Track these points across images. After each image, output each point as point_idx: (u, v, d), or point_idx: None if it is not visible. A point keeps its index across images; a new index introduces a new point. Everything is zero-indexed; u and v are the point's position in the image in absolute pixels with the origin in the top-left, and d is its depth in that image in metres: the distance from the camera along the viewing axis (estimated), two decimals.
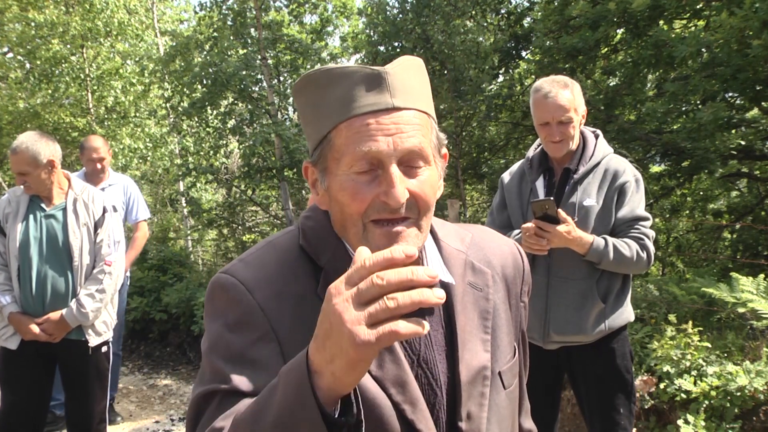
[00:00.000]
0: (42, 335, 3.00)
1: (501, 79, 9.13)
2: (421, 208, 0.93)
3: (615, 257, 2.34)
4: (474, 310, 1.04)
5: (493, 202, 2.78)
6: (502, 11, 8.88)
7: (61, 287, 3.03)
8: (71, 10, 11.83)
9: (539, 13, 7.92)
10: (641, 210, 2.45)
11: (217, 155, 10.53)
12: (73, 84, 12.04)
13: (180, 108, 9.62)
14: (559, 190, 2.50)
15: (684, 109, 6.24)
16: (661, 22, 6.27)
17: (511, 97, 8.41)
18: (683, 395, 3.41)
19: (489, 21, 8.98)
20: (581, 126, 2.52)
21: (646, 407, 3.58)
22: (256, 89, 9.59)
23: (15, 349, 3.06)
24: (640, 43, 6.34)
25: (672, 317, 3.91)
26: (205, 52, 9.61)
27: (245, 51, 9.47)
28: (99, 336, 3.14)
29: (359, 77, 0.91)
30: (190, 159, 10.74)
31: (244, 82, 9.05)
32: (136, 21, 12.53)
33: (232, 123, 9.69)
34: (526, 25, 8.66)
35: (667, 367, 3.56)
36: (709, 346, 3.66)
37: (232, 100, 9.58)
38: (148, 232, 4.91)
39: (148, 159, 13.11)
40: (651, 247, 2.41)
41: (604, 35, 6.28)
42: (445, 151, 1.00)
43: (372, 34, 9.19)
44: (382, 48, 8.74)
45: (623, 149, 6.17)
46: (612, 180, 2.44)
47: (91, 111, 12.29)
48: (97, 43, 12.14)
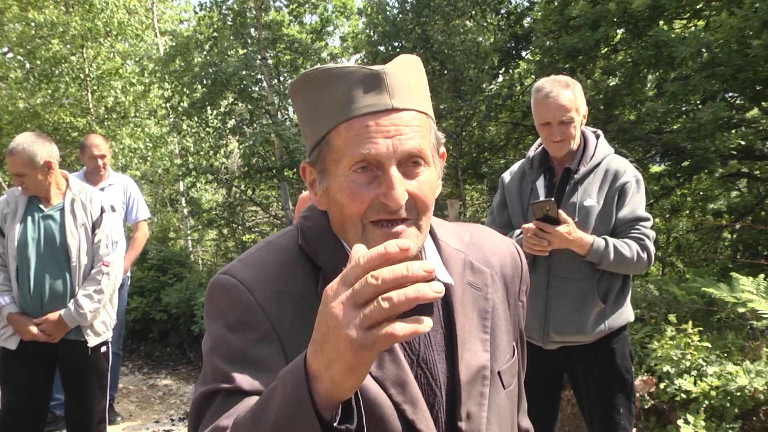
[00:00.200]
0: (40, 335, 2.99)
1: (501, 79, 9.13)
2: (420, 208, 0.93)
3: (615, 258, 2.35)
4: (473, 309, 1.04)
5: (493, 202, 2.77)
6: (502, 11, 8.88)
7: (59, 288, 3.02)
8: (71, 10, 11.83)
9: (539, 13, 7.92)
10: (642, 210, 2.45)
11: (217, 155, 10.53)
12: (73, 84, 12.04)
13: (180, 108, 9.62)
14: (560, 190, 2.50)
15: (684, 109, 6.24)
16: (661, 22, 6.27)
17: (511, 97, 8.41)
18: (683, 395, 3.41)
19: (489, 21, 8.97)
20: (582, 126, 2.52)
21: (646, 407, 3.58)
22: (256, 89, 9.58)
23: (14, 349, 3.05)
24: (640, 43, 6.34)
25: (672, 317, 3.90)
26: (205, 52, 9.61)
27: (245, 51, 9.47)
28: (98, 336, 3.13)
29: (358, 77, 0.91)
30: (190, 159, 10.74)
31: (244, 82, 9.05)
32: (135, 21, 12.52)
33: (232, 123, 9.69)
34: (526, 25, 8.66)
35: (667, 367, 3.56)
36: (709, 346, 3.66)
37: (232, 100, 9.57)
38: (148, 232, 4.91)
39: (148, 159, 13.11)
40: (651, 248, 2.41)
41: (604, 35, 6.28)
42: (443, 150, 1.00)
43: (372, 34, 9.19)
44: (382, 48, 8.74)
45: (623, 149, 6.17)
46: (613, 180, 2.44)
47: (91, 111, 12.29)
48: (97, 43, 12.14)
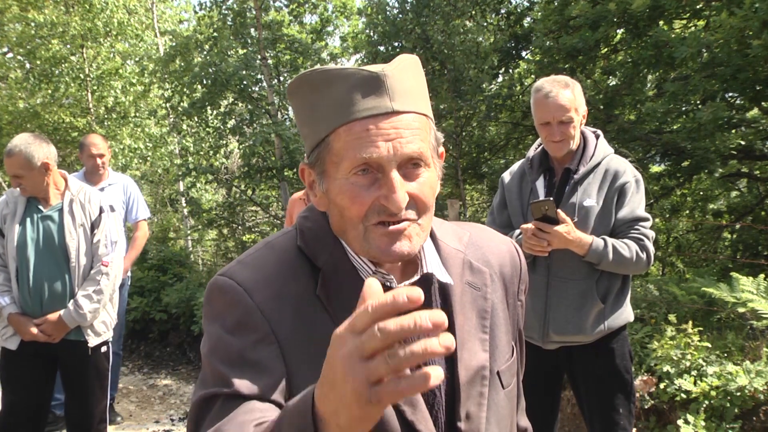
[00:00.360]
0: (41, 336, 2.99)
1: (501, 79, 9.13)
2: (421, 209, 0.93)
3: (614, 258, 2.34)
4: (472, 309, 1.03)
5: (493, 202, 2.77)
6: (502, 11, 8.88)
7: (59, 288, 3.02)
8: (71, 10, 11.83)
9: (539, 13, 7.92)
10: (641, 210, 2.44)
11: (217, 155, 10.53)
12: (73, 84, 12.04)
13: (180, 108, 9.62)
14: (560, 190, 2.49)
15: (684, 109, 6.24)
16: (661, 23, 6.27)
17: (511, 97, 8.41)
18: (683, 395, 3.41)
19: (489, 21, 8.98)
20: (582, 126, 2.52)
21: (646, 407, 3.58)
22: (256, 89, 9.59)
23: (15, 350, 3.05)
24: (640, 43, 6.34)
25: (672, 317, 3.90)
26: (205, 52, 9.62)
27: (245, 51, 9.47)
28: (98, 336, 3.13)
29: (357, 79, 0.90)
30: (190, 159, 10.74)
31: (244, 82, 9.05)
32: (135, 21, 12.52)
33: (232, 123, 9.69)
34: (526, 25, 8.67)
35: (667, 367, 3.56)
36: (709, 346, 3.66)
37: (232, 100, 9.58)
38: (148, 232, 4.90)
39: (148, 159, 13.11)
40: (651, 248, 2.40)
41: (604, 35, 6.28)
42: (442, 150, 1.00)
43: (372, 34, 9.19)
44: (382, 48, 8.74)
45: (623, 149, 6.17)
46: (612, 180, 2.44)
47: (91, 111, 12.29)
48: (97, 43, 12.14)
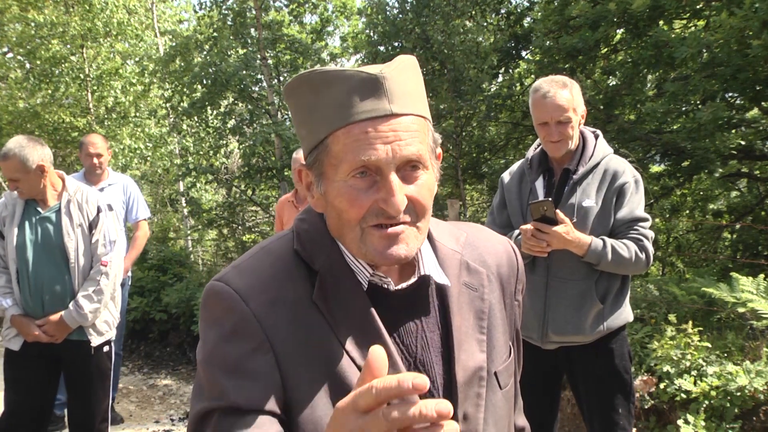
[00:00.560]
0: (43, 336, 3.00)
1: (501, 79, 9.13)
2: (419, 212, 0.94)
3: (613, 258, 2.34)
4: (469, 310, 1.04)
5: (493, 202, 2.77)
6: (502, 11, 8.88)
7: (59, 289, 3.03)
8: (71, 10, 11.83)
9: (539, 13, 7.92)
10: (640, 211, 2.44)
11: (217, 155, 10.54)
12: (73, 84, 12.04)
13: (180, 108, 9.63)
14: (559, 191, 2.49)
15: (684, 109, 6.24)
16: (661, 23, 6.27)
17: (511, 97, 8.42)
18: (683, 395, 3.41)
19: (489, 21, 8.98)
20: (581, 126, 2.51)
21: (646, 407, 3.58)
22: (256, 89, 9.59)
23: (17, 351, 3.06)
24: (640, 43, 6.34)
25: (672, 317, 3.90)
26: (204, 52, 9.62)
27: (245, 51, 9.48)
28: (101, 336, 3.13)
29: (356, 81, 0.90)
30: (190, 159, 10.75)
31: (244, 82, 9.05)
32: (135, 21, 12.53)
33: (232, 123, 9.70)
34: (526, 25, 8.67)
35: (667, 367, 3.56)
36: (709, 346, 3.66)
37: (232, 100, 9.58)
38: (148, 232, 4.90)
39: (148, 159, 13.11)
40: (650, 248, 2.40)
41: (604, 35, 6.28)
42: (439, 151, 1.00)
43: (372, 34, 9.19)
44: (382, 48, 8.75)
45: (623, 149, 6.17)
46: (611, 181, 2.43)
47: (91, 111, 12.30)
48: (97, 43, 12.14)
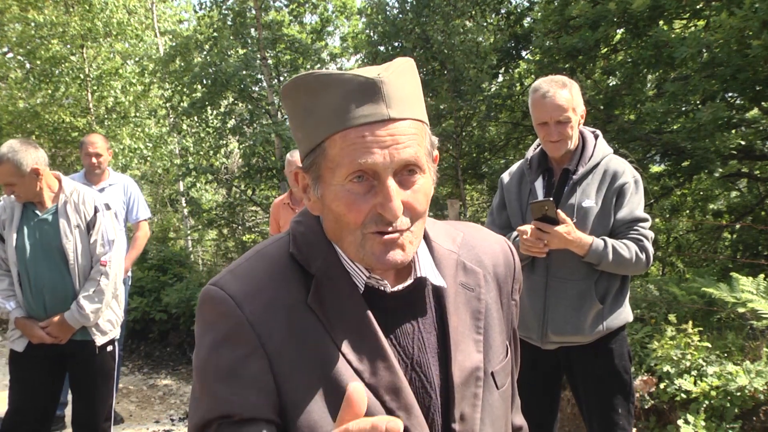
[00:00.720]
0: (47, 338, 3.02)
1: (501, 79, 9.14)
2: (414, 217, 0.94)
3: (614, 258, 2.34)
4: (466, 310, 1.04)
5: (493, 203, 2.77)
6: (502, 11, 8.89)
7: (60, 290, 3.03)
8: (71, 10, 11.84)
9: (539, 13, 7.92)
10: (640, 211, 2.44)
11: (217, 155, 10.54)
12: (73, 84, 12.04)
13: (180, 108, 9.63)
14: (558, 191, 2.49)
15: (684, 109, 6.24)
16: (661, 23, 6.27)
17: (511, 97, 8.42)
18: (683, 395, 3.41)
19: (489, 21, 8.98)
20: (580, 126, 2.51)
21: (646, 407, 3.58)
22: (256, 89, 9.60)
23: (21, 352, 3.07)
24: (640, 43, 6.34)
25: (672, 317, 3.90)
26: (205, 52, 9.62)
27: (245, 51, 9.48)
28: (105, 335, 3.14)
29: (353, 85, 0.90)
30: (190, 159, 10.75)
31: (244, 82, 9.06)
32: (135, 21, 12.53)
33: (232, 123, 9.70)
34: (526, 25, 8.67)
35: (667, 367, 3.56)
36: (709, 346, 3.66)
37: (232, 100, 9.59)
38: (149, 232, 4.91)
39: (148, 159, 13.11)
40: (650, 249, 2.40)
41: (604, 35, 6.28)
42: (436, 154, 1.00)
43: (372, 34, 9.19)
44: (382, 48, 8.75)
45: (623, 149, 6.17)
46: (611, 181, 2.43)
47: (91, 111, 12.30)
48: (97, 43, 12.14)
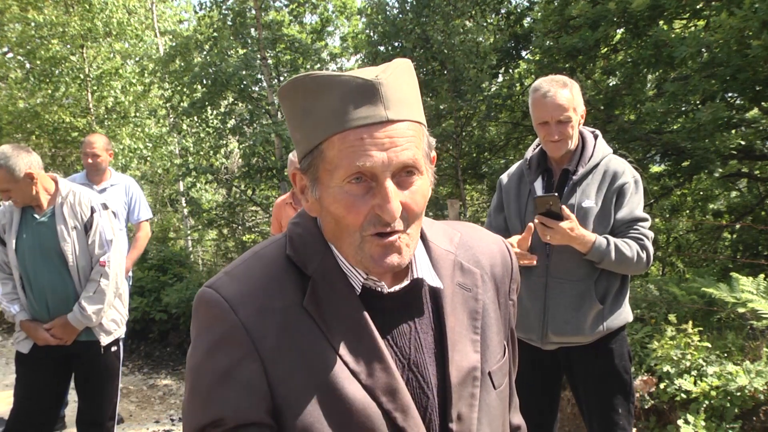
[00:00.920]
0: (52, 340, 3.03)
1: (501, 79, 9.14)
2: (411, 218, 0.94)
3: (616, 257, 2.33)
4: (463, 311, 1.04)
5: (491, 204, 2.77)
6: (502, 11, 8.89)
7: (62, 292, 3.04)
8: (71, 10, 11.83)
9: (539, 13, 7.92)
10: (640, 211, 2.44)
11: (217, 155, 10.54)
12: (73, 84, 12.04)
13: (180, 108, 9.63)
14: (558, 191, 2.48)
15: (684, 109, 6.24)
16: (661, 22, 6.27)
17: (511, 97, 8.42)
18: (683, 395, 3.41)
19: (489, 21, 8.98)
20: (580, 126, 2.51)
21: (646, 407, 3.58)
22: (256, 89, 9.60)
23: (27, 353, 3.08)
24: (640, 43, 6.34)
25: (672, 317, 3.90)
26: (205, 52, 9.62)
27: (245, 51, 9.48)
28: (109, 335, 3.16)
29: (351, 87, 0.90)
30: (190, 159, 10.74)
31: (244, 82, 9.05)
32: (135, 21, 12.53)
33: (232, 123, 9.70)
34: (526, 25, 8.67)
35: (667, 367, 3.56)
36: (709, 346, 3.66)
37: (232, 100, 9.58)
38: (150, 232, 4.91)
39: (148, 159, 13.11)
40: (650, 248, 2.40)
41: (604, 35, 6.28)
42: (433, 155, 1.00)
43: (372, 34, 9.19)
44: (382, 48, 8.75)
45: (623, 149, 6.17)
46: (611, 181, 2.43)
47: (91, 111, 12.30)
48: (97, 43, 12.14)
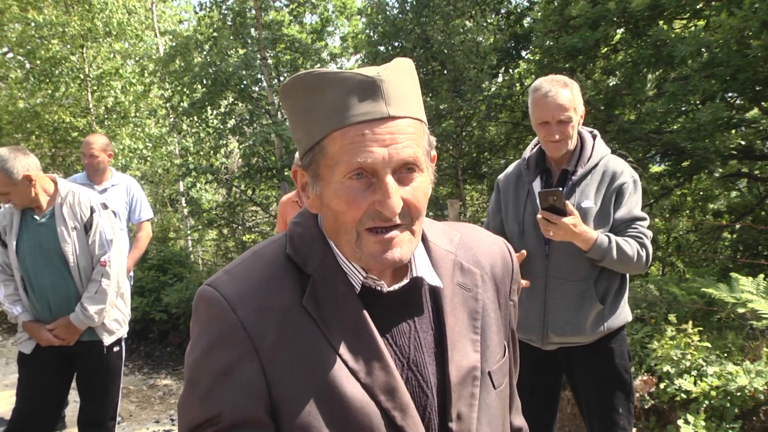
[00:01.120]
0: (55, 340, 3.04)
1: (501, 79, 9.14)
2: (413, 214, 0.94)
3: (618, 255, 2.33)
4: (463, 310, 1.04)
5: (489, 206, 2.76)
6: (502, 11, 8.89)
7: (63, 292, 3.04)
8: (71, 10, 11.83)
9: (539, 13, 7.92)
10: (638, 210, 2.44)
11: (217, 155, 10.54)
12: (73, 84, 12.04)
13: (180, 108, 9.63)
14: None
15: (684, 109, 6.24)
16: (660, 22, 6.27)
17: (511, 97, 8.42)
18: (683, 395, 3.41)
19: (489, 21, 8.98)
20: (579, 126, 2.51)
21: (646, 407, 3.58)
22: (256, 89, 9.60)
23: (29, 354, 3.09)
24: (640, 43, 6.34)
25: (672, 317, 3.90)
26: (204, 52, 9.62)
27: (245, 51, 9.48)
28: (112, 334, 3.16)
29: (353, 84, 0.90)
30: (190, 159, 10.74)
31: (244, 82, 9.05)
32: (135, 21, 12.53)
33: (232, 123, 9.70)
34: (526, 25, 8.67)
35: (667, 367, 3.56)
36: (709, 346, 3.66)
37: (232, 100, 9.58)
38: (151, 232, 4.91)
39: (148, 159, 13.11)
40: (650, 247, 2.40)
41: (603, 35, 6.28)
42: (434, 154, 1.00)
43: (372, 34, 9.19)
44: (382, 48, 8.74)
45: (623, 149, 6.17)
46: (610, 181, 2.43)
47: (91, 111, 12.30)
48: (97, 43, 12.14)
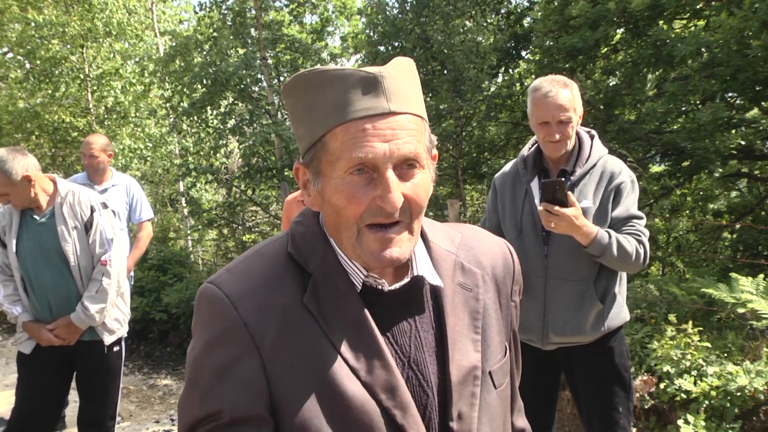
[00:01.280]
0: (55, 340, 3.04)
1: (501, 78, 9.14)
2: (414, 211, 0.94)
3: (617, 251, 2.33)
4: (464, 310, 1.04)
5: (486, 206, 2.76)
6: (502, 11, 8.89)
7: (64, 292, 3.04)
8: (71, 10, 11.84)
9: (539, 13, 7.92)
10: (635, 209, 2.45)
11: (217, 155, 10.54)
12: (73, 84, 12.04)
13: (180, 108, 9.63)
14: None
15: (684, 109, 6.24)
16: (660, 22, 6.27)
17: (511, 97, 8.42)
18: (683, 395, 3.41)
19: (489, 21, 8.98)
20: (577, 126, 2.51)
21: (646, 407, 3.58)
22: (256, 89, 9.60)
23: (29, 354, 3.09)
24: (640, 42, 6.34)
25: (672, 317, 3.90)
26: (204, 52, 9.62)
27: (245, 51, 9.48)
28: (112, 334, 3.17)
29: (355, 80, 0.91)
30: (190, 159, 10.75)
31: (244, 82, 9.05)
32: (135, 21, 12.53)
33: (232, 123, 9.70)
34: (526, 25, 8.68)
35: (667, 367, 3.56)
36: (709, 346, 3.66)
37: (232, 100, 9.58)
38: (151, 232, 4.91)
39: (148, 159, 13.11)
40: (647, 245, 2.41)
41: (603, 35, 6.28)
42: (435, 152, 1.00)
43: (372, 34, 9.19)
44: (382, 48, 8.74)
45: (623, 149, 6.17)
46: (609, 181, 2.44)
47: (91, 111, 12.30)
48: (97, 43, 12.14)
